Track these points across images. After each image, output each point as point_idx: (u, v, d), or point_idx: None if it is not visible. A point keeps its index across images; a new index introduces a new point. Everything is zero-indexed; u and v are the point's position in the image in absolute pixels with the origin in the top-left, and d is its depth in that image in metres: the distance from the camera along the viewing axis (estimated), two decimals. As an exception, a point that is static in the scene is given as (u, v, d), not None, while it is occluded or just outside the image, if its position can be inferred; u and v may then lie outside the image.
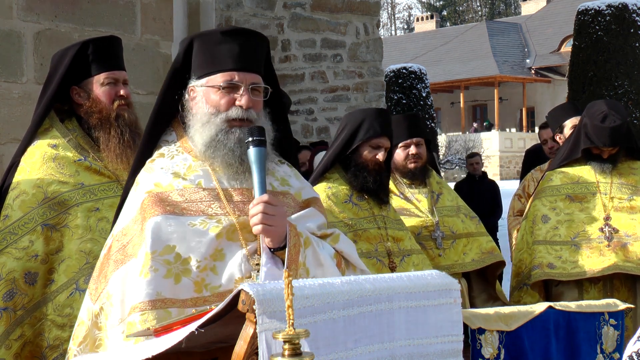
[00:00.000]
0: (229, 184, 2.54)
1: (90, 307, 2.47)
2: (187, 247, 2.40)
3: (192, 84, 2.59)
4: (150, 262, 2.36)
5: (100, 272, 2.50)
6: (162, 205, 2.45)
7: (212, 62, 2.56)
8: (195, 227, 2.43)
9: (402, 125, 4.55)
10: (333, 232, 2.64)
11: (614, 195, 4.74)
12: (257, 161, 2.45)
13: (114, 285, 2.41)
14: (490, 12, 65.82)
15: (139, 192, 2.53)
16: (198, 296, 2.37)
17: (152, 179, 2.53)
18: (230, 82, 2.54)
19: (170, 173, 2.53)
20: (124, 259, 2.44)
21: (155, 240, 2.38)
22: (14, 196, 3.18)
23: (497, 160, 36.14)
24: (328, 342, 1.89)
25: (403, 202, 4.57)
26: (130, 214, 2.51)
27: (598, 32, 15.51)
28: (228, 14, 10.39)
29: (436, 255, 4.48)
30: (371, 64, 11.38)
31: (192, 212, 2.46)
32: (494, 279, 4.74)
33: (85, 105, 3.31)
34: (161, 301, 2.33)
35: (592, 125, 4.65)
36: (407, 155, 4.54)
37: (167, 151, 2.61)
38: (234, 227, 2.46)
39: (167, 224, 2.41)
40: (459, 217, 4.65)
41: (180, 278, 2.37)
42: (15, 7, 5.09)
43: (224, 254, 2.43)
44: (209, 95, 2.55)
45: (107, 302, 2.41)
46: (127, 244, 2.46)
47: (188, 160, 2.57)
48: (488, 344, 2.91)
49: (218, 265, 2.42)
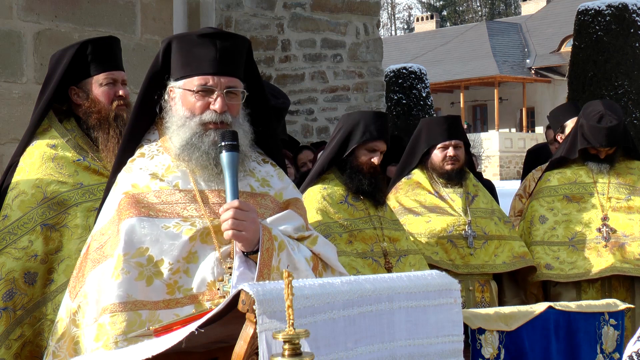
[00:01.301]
0: (206, 185, 2.56)
1: (68, 304, 2.51)
2: (159, 250, 2.42)
3: (171, 84, 2.61)
4: (122, 264, 2.39)
5: (79, 271, 2.53)
6: (137, 207, 2.47)
7: (189, 64, 2.58)
8: (168, 230, 2.45)
9: (442, 126, 4.63)
10: (311, 234, 2.64)
11: (612, 195, 4.75)
12: (229, 166, 2.47)
13: (90, 285, 2.45)
14: (490, 12, 65.83)
15: (117, 192, 2.56)
16: (170, 298, 2.40)
17: (130, 180, 2.55)
18: (205, 86, 2.55)
19: (148, 174, 2.56)
20: (100, 259, 2.47)
21: (127, 242, 2.42)
22: (13, 196, 3.18)
23: (497, 160, 36.14)
24: (328, 342, 1.89)
25: (437, 201, 4.61)
26: (108, 214, 2.54)
27: (598, 32, 15.51)
28: (228, 14, 10.39)
29: (467, 254, 4.52)
30: (371, 64, 11.38)
31: (167, 214, 2.48)
32: (525, 283, 4.74)
33: (84, 105, 3.31)
34: (132, 303, 2.36)
35: (588, 125, 4.65)
36: (445, 156, 4.61)
37: (147, 150, 2.63)
38: (208, 230, 2.48)
39: (140, 226, 2.44)
40: (492, 219, 4.67)
41: (153, 280, 2.40)
42: (15, 7, 5.09)
43: (197, 257, 2.46)
44: (185, 97, 2.57)
45: (84, 301, 2.45)
46: (104, 244, 2.48)
47: (167, 161, 2.60)
48: (488, 344, 2.91)
49: (191, 267, 2.44)
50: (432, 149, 4.66)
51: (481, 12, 66.61)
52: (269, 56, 10.84)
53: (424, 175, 4.70)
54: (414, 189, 4.68)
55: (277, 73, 10.92)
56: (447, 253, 4.50)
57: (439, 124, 4.67)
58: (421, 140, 4.71)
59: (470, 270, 4.50)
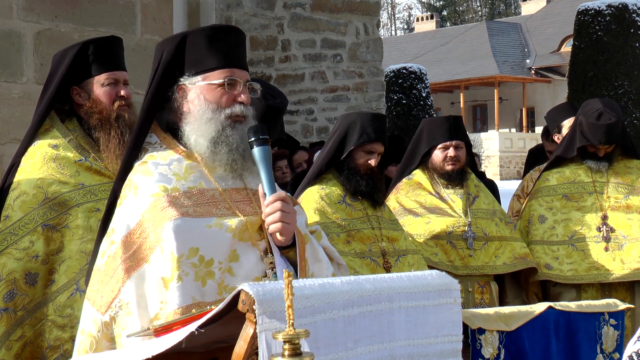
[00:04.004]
0: (225, 184, 2.52)
1: (95, 317, 2.39)
2: (208, 249, 2.37)
3: (183, 82, 2.53)
4: (180, 266, 2.32)
5: (102, 281, 2.41)
6: (176, 207, 2.40)
7: (209, 58, 2.52)
8: (212, 229, 2.40)
9: (443, 126, 4.63)
10: (316, 229, 2.67)
11: (610, 194, 4.75)
12: (264, 159, 2.45)
13: (128, 294, 2.35)
14: (490, 12, 65.81)
15: (143, 195, 2.45)
16: (220, 298, 2.33)
17: (154, 182, 2.47)
18: (231, 79, 2.51)
19: (170, 175, 2.49)
20: (135, 266, 2.37)
21: (180, 243, 2.34)
22: (15, 197, 3.18)
23: (497, 160, 36.13)
24: (328, 342, 1.89)
25: (437, 202, 4.61)
26: (134, 218, 2.43)
27: (598, 32, 15.50)
28: (228, 14, 10.39)
29: (466, 255, 4.51)
30: (371, 64, 11.38)
31: (203, 213, 2.43)
32: (527, 285, 4.74)
33: (86, 105, 3.31)
34: (196, 305, 2.30)
35: (587, 123, 4.65)
36: (446, 157, 4.61)
37: (156, 153, 2.55)
38: (245, 227, 2.44)
39: (186, 226, 2.37)
40: (493, 220, 4.66)
41: (206, 281, 2.36)
42: (15, 7, 5.10)
43: (238, 255, 2.42)
44: (210, 91, 2.51)
45: (121, 312, 2.35)
46: (136, 250, 2.39)
47: (182, 162, 2.53)
48: (488, 344, 2.91)
49: (234, 266, 2.40)
50: (432, 149, 4.65)
51: (481, 12, 66.58)
52: (269, 56, 10.84)
53: (424, 175, 4.69)
54: (415, 190, 4.68)
55: (277, 73, 10.92)
56: (447, 254, 4.50)
57: (440, 124, 4.67)
58: (422, 141, 4.71)
59: (469, 271, 4.50)
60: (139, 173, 2.50)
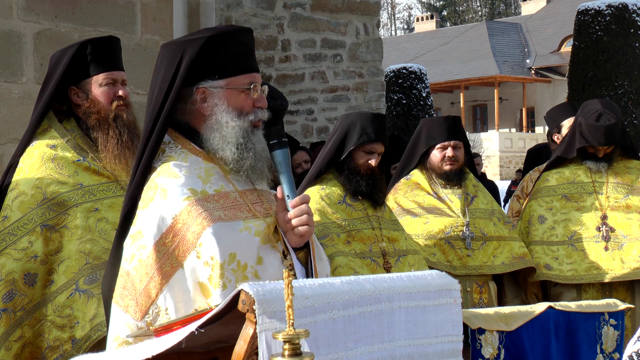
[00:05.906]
0: (240, 185, 2.52)
1: (130, 322, 2.36)
2: (242, 254, 2.37)
3: (203, 84, 2.49)
4: (224, 273, 2.32)
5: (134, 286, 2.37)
6: (210, 212, 2.38)
7: (233, 62, 2.50)
8: (243, 233, 2.40)
9: (441, 126, 4.62)
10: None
11: (610, 194, 4.75)
12: (285, 162, 2.48)
13: (167, 299, 2.33)
14: (490, 12, 65.81)
15: (173, 198, 2.40)
16: None
17: (183, 185, 2.42)
18: (255, 84, 2.52)
19: (196, 178, 2.45)
20: (171, 271, 2.35)
21: (222, 249, 2.33)
22: (13, 197, 3.18)
23: (497, 160, 36.16)
24: (328, 342, 1.89)
25: (435, 202, 4.60)
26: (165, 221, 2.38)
27: (598, 32, 15.52)
28: (228, 14, 10.39)
29: (464, 255, 4.51)
30: (371, 64, 11.38)
31: (233, 217, 2.42)
32: (526, 284, 4.74)
33: (84, 105, 3.30)
34: None
35: (586, 124, 4.65)
36: (444, 157, 4.60)
37: (174, 154, 2.50)
38: (267, 230, 2.45)
39: (223, 231, 2.36)
40: (491, 220, 4.66)
41: None
42: (15, 7, 5.09)
43: (262, 258, 2.41)
44: (233, 96, 2.49)
45: (160, 318, 2.33)
46: (170, 255, 2.36)
47: (201, 164, 2.50)
48: (488, 344, 2.91)
49: (259, 269, 2.40)
50: (431, 149, 4.65)
51: (481, 12, 66.60)
52: (269, 56, 10.84)
53: (423, 175, 4.69)
54: (413, 190, 4.67)
55: (277, 73, 10.92)
56: (445, 254, 4.49)
57: (438, 124, 4.66)
58: (420, 141, 4.71)
59: (468, 271, 4.49)
60: (164, 175, 2.45)
